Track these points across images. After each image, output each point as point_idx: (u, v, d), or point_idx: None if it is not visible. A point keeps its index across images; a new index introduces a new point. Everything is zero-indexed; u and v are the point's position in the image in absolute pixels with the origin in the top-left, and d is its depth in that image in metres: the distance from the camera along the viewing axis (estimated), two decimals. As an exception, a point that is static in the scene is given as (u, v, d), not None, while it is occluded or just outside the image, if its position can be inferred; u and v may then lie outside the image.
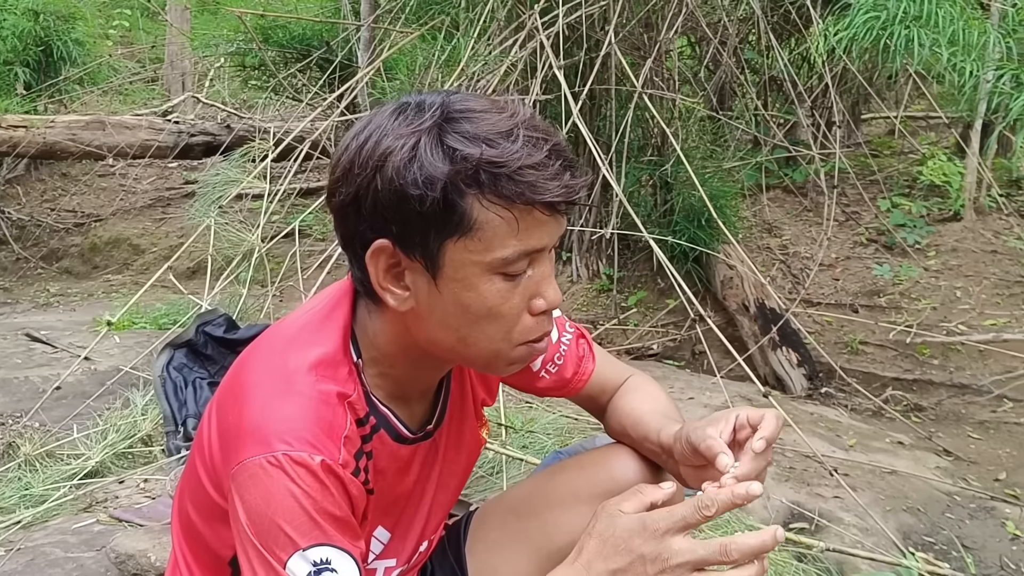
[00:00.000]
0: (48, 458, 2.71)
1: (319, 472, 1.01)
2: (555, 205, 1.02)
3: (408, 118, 1.03)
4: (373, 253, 1.05)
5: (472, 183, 1.00)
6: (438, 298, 1.05)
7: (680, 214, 4.64)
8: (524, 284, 1.06)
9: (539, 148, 1.01)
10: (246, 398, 1.07)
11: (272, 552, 1.00)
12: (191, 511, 1.19)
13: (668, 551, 0.98)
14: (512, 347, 1.09)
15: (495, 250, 1.02)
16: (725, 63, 5.22)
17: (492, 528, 1.41)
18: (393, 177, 1.00)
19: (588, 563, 1.02)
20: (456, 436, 1.29)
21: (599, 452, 1.40)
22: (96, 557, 2.13)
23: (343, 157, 1.06)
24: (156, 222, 6.85)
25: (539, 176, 1.00)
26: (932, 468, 3.14)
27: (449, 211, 1.00)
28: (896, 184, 5.59)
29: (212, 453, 1.11)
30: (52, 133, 6.19)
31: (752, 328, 4.31)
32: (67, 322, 4.64)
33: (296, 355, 1.09)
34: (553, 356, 1.36)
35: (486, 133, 1.00)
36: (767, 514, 2.65)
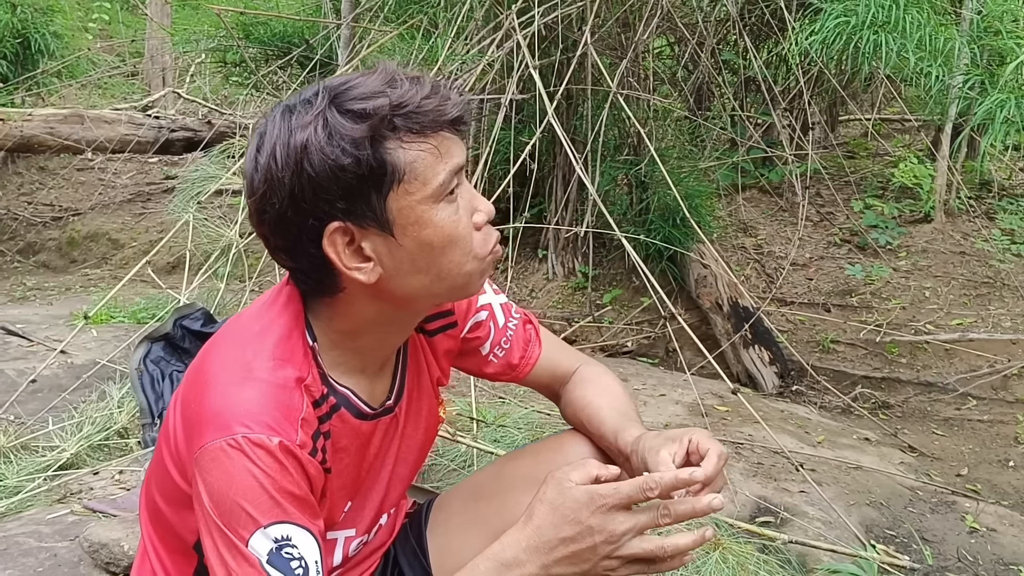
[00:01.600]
0: (23, 450, 2.72)
1: (277, 453, 1.06)
2: (459, 122, 1.11)
3: (300, 112, 1.09)
4: (329, 239, 1.09)
5: (389, 129, 1.07)
6: (401, 251, 1.11)
7: (655, 213, 4.70)
8: (461, 204, 1.13)
9: (422, 83, 1.10)
10: (207, 387, 1.11)
11: (235, 531, 1.05)
12: (158, 499, 1.23)
13: (613, 523, 1.08)
14: (480, 261, 1.16)
15: (431, 181, 1.09)
16: (703, 64, 5.28)
17: (452, 513, 1.46)
18: (321, 157, 1.06)
19: (538, 528, 1.09)
20: (415, 411, 1.34)
21: (555, 438, 1.45)
22: (69, 547, 2.15)
23: (257, 177, 1.10)
24: (135, 217, 6.83)
25: (438, 101, 1.09)
26: (896, 464, 3.20)
27: (380, 165, 1.07)
28: (870, 186, 5.68)
29: (177, 441, 1.15)
30: (29, 126, 6.15)
31: (725, 326, 4.37)
32: (44, 316, 4.63)
33: (253, 344, 1.13)
34: (500, 340, 1.42)
35: (375, 88, 1.08)
36: (734, 508, 2.71)
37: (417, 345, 1.34)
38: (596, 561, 1.09)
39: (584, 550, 1.08)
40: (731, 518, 2.50)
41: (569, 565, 1.09)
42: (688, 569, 2.04)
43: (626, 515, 1.08)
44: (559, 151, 4.70)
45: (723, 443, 3.11)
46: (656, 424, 3.35)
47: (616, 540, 1.07)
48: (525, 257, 5.31)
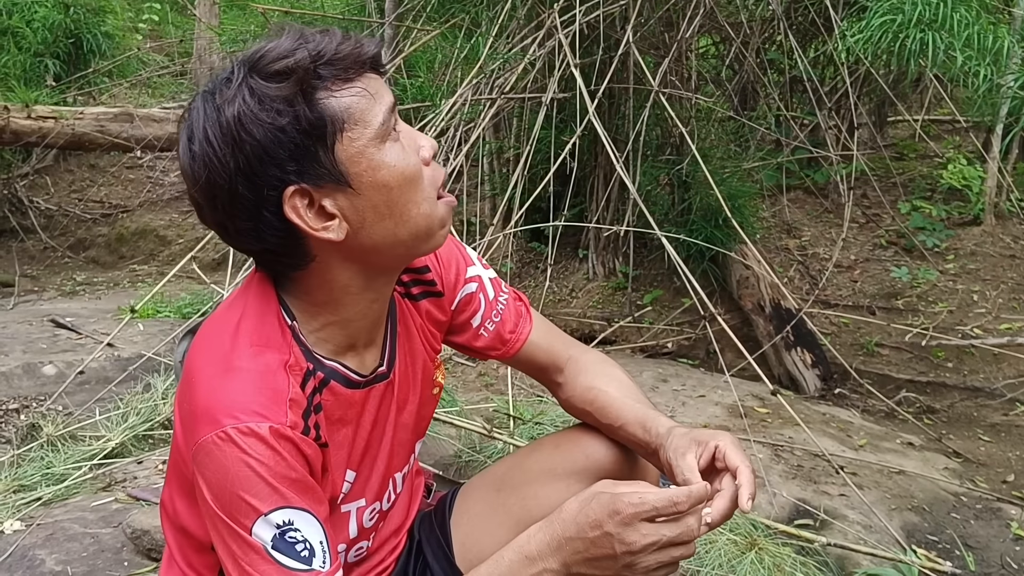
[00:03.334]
0: (70, 439, 2.79)
1: (269, 439, 1.07)
2: (378, 61, 1.12)
3: (221, 91, 1.08)
4: (290, 204, 1.08)
5: (316, 78, 1.07)
6: (361, 199, 1.10)
7: (697, 213, 4.66)
8: (405, 142, 1.13)
9: (330, 35, 1.10)
10: (194, 384, 1.12)
11: (237, 521, 1.06)
12: (177, 500, 1.25)
13: (635, 534, 1.08)
14: (433, 203, 1.16)
15: (371, 122, 1.09)
16: (748, 63, 5.24)
17: (475, 502, 1.47)
18: (259, 125, 1.05)
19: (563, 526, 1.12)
20: (411, 376, 1.34)
21: (574, 431, 1.45)
22: (113, 533, 2.20)
23: (195, 166, 1.08)
24: (182, 214, 6.95)
25: (353, 44, 1.09)
26: (941, 469, 3.15)
27: (319, 117, 1.07)
28: (917, 187, 5.58)
29: (179, 443, 1.17)
30: (81, 124, 6.28)
31: (767, 328, 4.33)
32: (92, 310, 4.73)
33: (230, 335, 1.14)
34: (491, 313, 1.42)
35: (289, 48, 1.08)
36: (772, 510, 2.68)
37: (404, 310, 1.33)
38: (617, 568, 1.09)
39: (604, 556, 1.08)
40: (768, 519, 2.48)
41: (589, 567, 1.10)
42: (723, 569, 2.03)
43: (650, 527, 1.08)
44: (600, 150, 4.68)
45: (762, 445, 3.10)
46: (695, 425, 3.33)
47: (637, 551, 1.07)
48: (565, 257, 5.30)
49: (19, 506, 2.37)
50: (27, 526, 2.26)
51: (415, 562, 1.48)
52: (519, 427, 2.90)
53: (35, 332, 4.10)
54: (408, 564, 1.48)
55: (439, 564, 1.45)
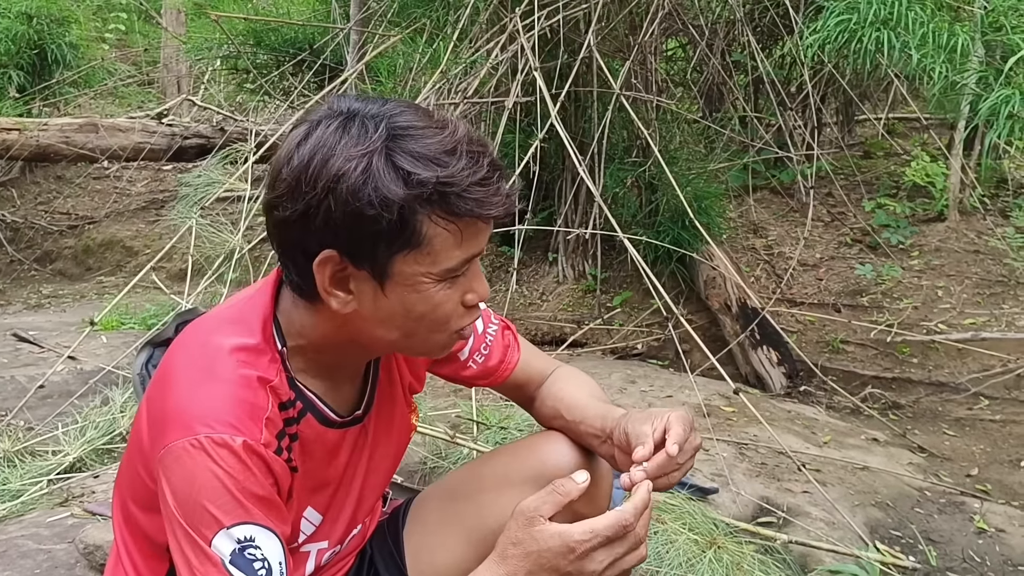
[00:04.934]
0: (28, 455, 2.75)
1: (241, 453, 1.06)
2: (497, 218, 1.10)
3: (354, 137, 1.06)
4: (320, 263, 1.09)
5: (426, 203, 1.05)
6: (384, 301, 1.11)
7: (665, 215, 4.68)
8: (460, 284, 1.14)
9: (480, 164, 1.07)
10: (171, 386, 1.11)
11: (198, 531, 1.05)
12: (129, 502, 1.23)
13: (592, 563, 1.08)
14: (448, 337, 1.17)
15: (442, 262, 1.09)
16: (713, 65, 5.26)
17: (429, 511, 1.45)
18: (348, 199, 1.04)
19: (513, 574, 1.09)
20: (386, 421, 1.33)
21: (531, 439, 1.45)
22: (67, 549, 2.17)
23: (285, 172, 1.08)
24: (149, 224, 6.89)
25: (485, 193, 1.07)
26: (905, 464, 3.17)
27: (402, 227, 1.06)
28: (883, 185, 5.63)
29: (144, 443, 1.15)
30: (45, 136, 6.23)
31: (734, 327, 4.35)
32: (56, 323, 4.68)
33: (217, 343, 1.13)
34: (479, 346, 1.42)
35: (434, 152, 1.05)
36: (735, 508, 2.69)
37: (390, 355, 1.34)
38: None
39: None
40: (730, 518, 2.48)
41: None
42: (682, 568, 2.03)
43: (604, 552, 1.08)
44: (567, 154, 4.69)
45: (727, 443, 3.10)
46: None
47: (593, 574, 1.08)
48: (535, 260, 5.30)
49: (-27, 523, 2.33)
50: (-19, 544, 2.22)
51: (367, 573, 1.46)
52: (484, 432, 2.89)
53: (-4, 346, 4.05)
54: None
55: (390, 575, 1.44)
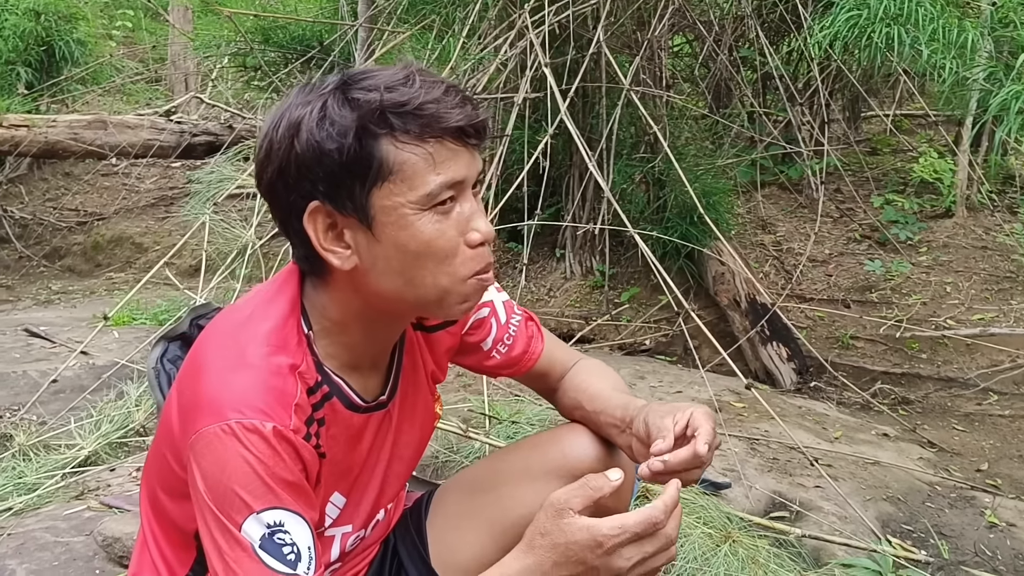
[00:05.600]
0: (43, 449, 2.77)
1: (271, 438, 1.07)
2: (463, 133, 1.10)
3: (310, 88, 1.12)
4: (309, 216, 1.11)
5: (381, 124, 1.07)
6: (378, 247, 1.11)
7: (673, 211, 4.68)
8: (455, 219, 1.12)
9: (436, 87, 1.09)
10: (201, 374, 1.12)
11: (228, 516, 1.06)
12: (158, 491, 1.25)
13: (620, 560, 1.06)
14: (460, 282, 1.15)
15: (419, 187, 1.09)
16: (720, 61, 5.26)
17: (451, 503, 1.46)
18: (308, 138, 1.08)
19: (539, 563, 1.08)
20: (410, 408, 1.34)
21: (552, 431, 1.45)
22: (85, 541, 2.19)
23: (263, 142, 1.13)
24: (159, 221, 6.91)
25: (440, 108, 1.08)
26: (915, 459, 3.18)
27: (367, 157, 1.08)
28: (890, 181, 5.63)
29: (174, 430, 1.16)
30: (54, 132, 6.24)
31: (743, 323, 4.35)
32: (67, 318, 4.69)
33: (247, 331, 1.15)
34: (503, 336, 1.43)
35: (385, 82, 1.09)
36: (748, 503, 2.70)
37: (414, 342, 1.35)
38: None
39: None
40: (743, 512, 2.49)
41: None
42: (697, 561, 2.04)
43: (632, 548, 1.07)
44: (575, 149, 4.70)
45: (738, 439, 3.11)
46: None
47: (622, 573, 1.07)
48: (543, 257, 5.31)
49: (-10, 516, 2.35)
50: (-2, 536, 2.24)
51: (390, 563, 1.48)
52: (495, 426, 2.90)
53: (8, 342, 4.07)
54: (383, 566, 1.47)
55: (414, 565, 1.45)
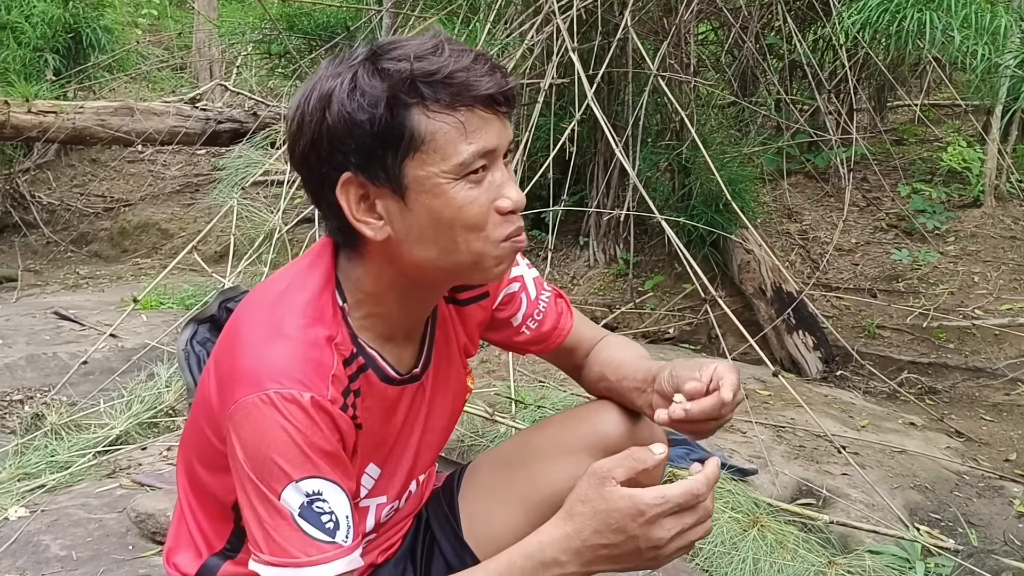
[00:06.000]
0: (74, 428, 2.80)
1: (309, 408, 1.08)
2: (493, 101, 1.10)
3: (340, 60, 1.13)
4: (341, 187, 1.12)
5: (412, 94, 1.08)
6: (411, 216, 1.11)
7: (698, 199, 4.66)
8: (486, 187, 1.12)
9: (465, 55, 1.10)
10: (239, 346, 1.13)
11: (268, 485, 1.07)
12: (195, 464, 1.26)
13: (660, 530, 1.06)
14: (493, 245, 1.15)
15: (451, 157, 1.09)
16: (747, 48, 5.23)
17: (483, 479, 1.47)
18: (339, 109, 1.09)
19: (579, 531, 1.07)
20: (443, 380, 1.35)
21: (583, 408, 1.46)
22: (118, 518, 2.21)
23: (295, 115, 1.14)
24: (184, 207, 6.96)
25: (470, 76, 1.09)
26: (943, 448, 3.16)
27: (398, 128, 1.08)
28: (918, 170, 5.58)
29: (212, 402, 1.17)
30: (81, 119, 6.28)
31: (769, 312, 4.33)
32: (95, 302, 4.74)
33: (283, 304, 1.16)
34: (532, 312, 1.43)
35: (415, 51, 1.09)
36: (775, 490, 2.69)
37: (446, 315, 1.35)
38: (640, 562, 1.08)
39: (627, 553, 1.07)
40: (771, 498, 2.49)
41: (611, 564, 1.09)
42: (725, 546, 2.04)
43: (673, 520, 1.06)
44: (600, 136, 4.69)
45: (764, 426, 3.10)
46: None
47: (662, 545, 1.06)
48: (566, 244, 5.30)
49: (23, 493, 2.38)
50: (31, 512, 2.27)
51: (423, 537, 1.49)
52: (521, 411, 2.91)
53: (39, 324, 4.12)
54: (416, 540, 1.49)
55: (447, 539, 1.46)
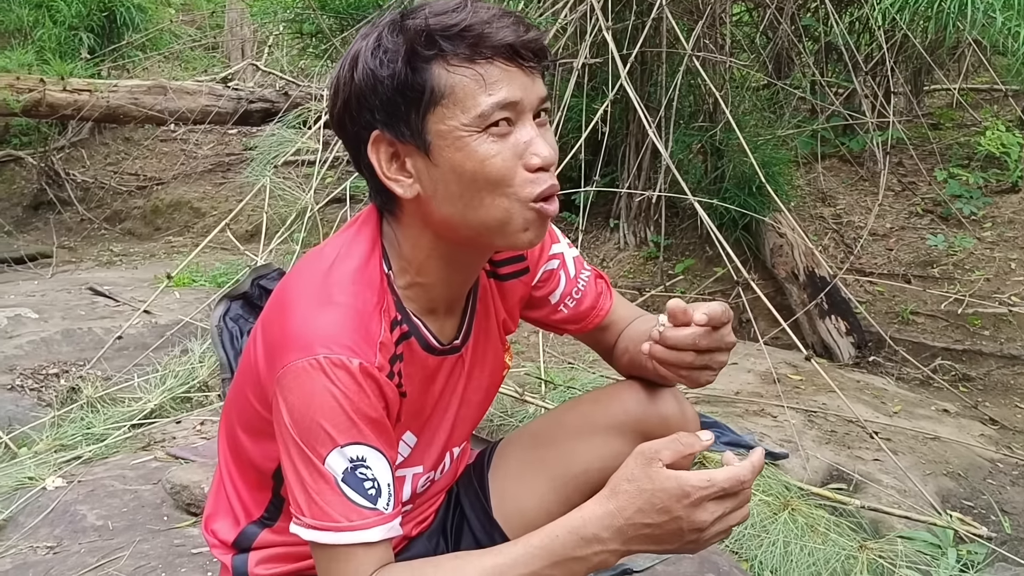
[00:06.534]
0: (109, 402, 2.84)
1: (357, 374, 1.09)
2: (515, 53, 1.09)
3: (372, 24, 1.15)
4: (372, 146, 1.14)
5: (430, 47, 1.09)
6: (436, 171, 1.12)
7: (731, 181, 4.63)
8: (512, 143, 1.11)
9: (488, 11, 1.10)
10: (289, 311, 1.14)
11: (313, 448, 1.08)
12: (238, 430, 1.27)
13: (704, 513, 1.05)
14: (520, 206, 1.13)
15: (470, 109, 1.09)
16: (782, 30, 5.16)
17: (513, 457, 1.47)
18: (364, 67, 1.11)
19: (622, 509, 1.06)
20: (481, 354, 1.35)
21: (613, 387, 1.45)
22: (153, 489, 2.25)
23: (333, 80, 1.16)
24: (216, 186, 7.01)
25: (487, 27, 1.09)
26: (976, 436, 3.12)
27: (419, 82, 1.09)
28: (954, 155, 5.50)
29: (259, 367, 1.18)
30: (115, 97, 6.34)
31: (801, 296, 4.30)
32: (129, 279, 4.79)
33: (332, 270, 1.16)
34: (571, 290, 1.42)
35: (438, 9, 1.10)
36: (806, 474, 2.67)
37: (487, 290, 1.35)
38: (680, 544, 1.08)
39: (669, 534, 1.07)
40: (802, 482, 2.47)
41: (652, 544, 1.08)
42: (755, 528, 2.03)
43: (716, 504, 1.06)
44: (632, 118, 4.66)
45: (795, 411, 3.08)
46: (727, 391, 3.32)
47: (704, 528, 1.06)
48: (596, 227, 5.29)
49: (60, 464, 2.42)
50: (68, 483, 2.31)
51: (453, 513, 1.49)
52: (551, 391, 2.91)
53: (74, 300, 4.17)
54: (447, 515, 1.49)
55: (476, 516, 1.46)
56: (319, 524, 1.08)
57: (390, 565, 1.11)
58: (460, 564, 1.10)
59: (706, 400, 3.20)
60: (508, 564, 1.07)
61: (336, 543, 1.08)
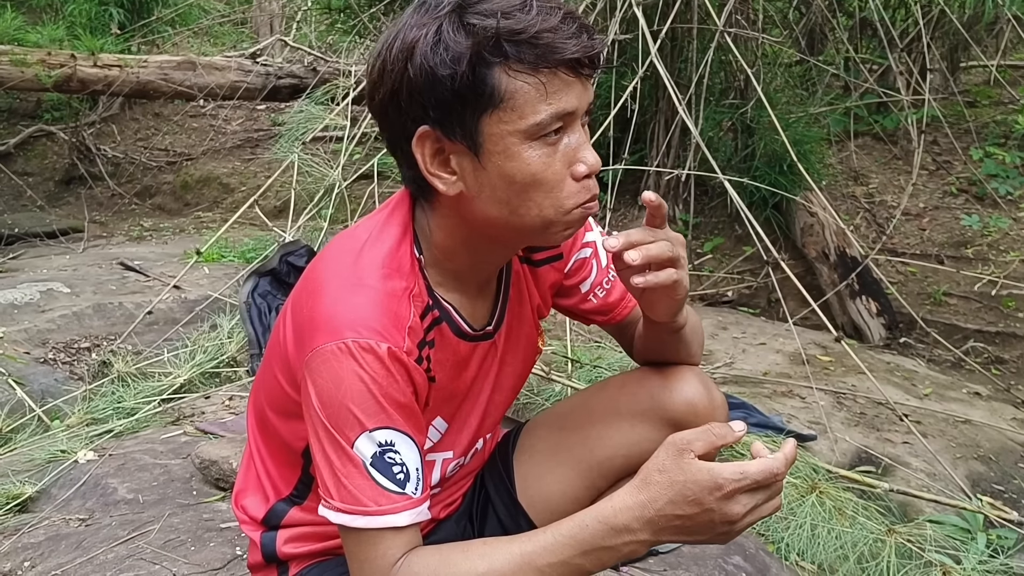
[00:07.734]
0: (139, 376, 2.87)
1: (385, 359, 1.08)
2: (578, 64, 1.08)
3: (427, 9, 1.10)
4: (418, 140, 1.11)
5: (496, 53, 1.06)
6: (484, 175, 1.10)
7: (761, 159, 4.58)
8: (562, 151, 1.11)
9: (553, 14, 1.07)
10: (319, 293, 1.14)
11: (342, 432, 1.08)
12: (267, 409, 1.28)
13: (736, 505, 1.03)
14: (564, 213, 1.13)
15: (528, 116, 1.07)
16: (815, 5, 5.08)
17: (538, 440, 1.46)
18: (422, 63, 1.07)
19: (653, 500, 1.05)
20: (514, 339, 1.34)
21: (640, 372, 1.43)
22: (182, 464, 2.27)
23: (376, 61, 1.12)
24: (245, 162, 7.03)
25: (556, 38, 1.06)
26: (1008, 419, 3.09)
27: (479, 85, 1.06)
28: (991, 134, 5.40)
29: (287, 348, 1.18)
30: (145, 73, 6.35)
31: (831, 276, 4.26)
32: (159, 254, 4.83)
33: (363, 253, 1.16)
34: (602, 280, 1.40)
35: (502, 8, 1.06)
36: (834, 456, 2.66)
37: (520, 275, 1.34)
38: (711, 536, 1.07)
39: (700, 526, 1.05)
40: (829, 465, 2.46)
41: (682, 535, 1.08)
42: (783, 511, 2.02)
43: (748, 497, 1.04)
44: (662, 95, 4.61)
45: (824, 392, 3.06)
46: (755, 372, 3.30)
47: (736, 520, 1.05)
48: (624, 205, 5.25)
49: (91, 438, 2.45)
50: (99, 456, 2.34)
51: (478, 495, 1.49)
52: (577, 370, 2.91)
53: (105, 274, 4.21)
54: (473, 498, 1.49)
55: (500, 499, 1.46)
56: (348, 508, 1.08)
57: (418, 549, 1.11)
58: (489, 550, 1.09)
59: (734, 381, 3.18)
60: (537, 552, 1.07)
61: (365, 527, 1.08)
